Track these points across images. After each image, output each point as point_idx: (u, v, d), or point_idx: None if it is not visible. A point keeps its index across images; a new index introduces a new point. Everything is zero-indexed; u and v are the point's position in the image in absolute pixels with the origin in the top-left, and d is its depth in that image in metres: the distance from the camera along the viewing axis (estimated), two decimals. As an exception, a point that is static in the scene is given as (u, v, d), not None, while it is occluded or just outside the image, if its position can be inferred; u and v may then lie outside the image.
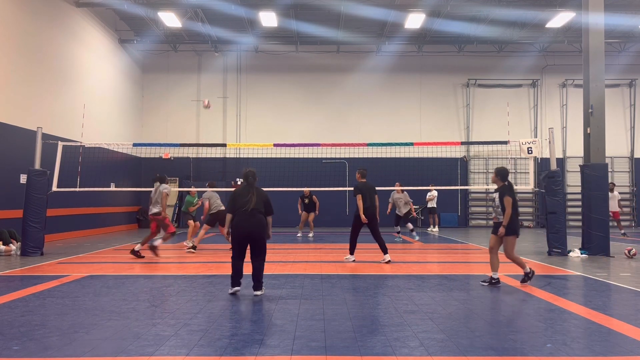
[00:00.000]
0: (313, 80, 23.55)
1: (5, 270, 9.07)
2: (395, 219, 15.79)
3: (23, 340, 4.58)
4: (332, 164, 21.19)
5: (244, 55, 23.48)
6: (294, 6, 18.42)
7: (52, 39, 15.53)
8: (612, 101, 22.07)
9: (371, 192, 10.32)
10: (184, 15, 19.10)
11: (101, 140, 17.52)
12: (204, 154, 22.35)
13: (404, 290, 7.07)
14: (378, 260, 10.36)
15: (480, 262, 10.64)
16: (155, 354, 4.19)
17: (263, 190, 7.03)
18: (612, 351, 4.33)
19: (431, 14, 18.76)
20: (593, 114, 12.21)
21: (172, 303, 6.23)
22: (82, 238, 16.15)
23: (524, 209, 23.77)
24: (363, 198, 10.12)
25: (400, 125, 23.19)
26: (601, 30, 12.47)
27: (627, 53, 23.10)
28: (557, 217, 11.49)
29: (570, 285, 7.77)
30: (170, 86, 23.36)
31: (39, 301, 6.30)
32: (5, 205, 12.73)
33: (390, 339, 4.63)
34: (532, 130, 23.54)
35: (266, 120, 23.24)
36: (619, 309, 6.09)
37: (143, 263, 10.29)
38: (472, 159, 23.56)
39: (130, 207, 21.38)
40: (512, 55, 23.33)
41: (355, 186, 10.43)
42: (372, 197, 10.31)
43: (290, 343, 4.48)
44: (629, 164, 23.71)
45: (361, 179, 10.47)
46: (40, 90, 14.81)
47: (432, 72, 23.65)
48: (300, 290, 7.10)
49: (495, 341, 4.58)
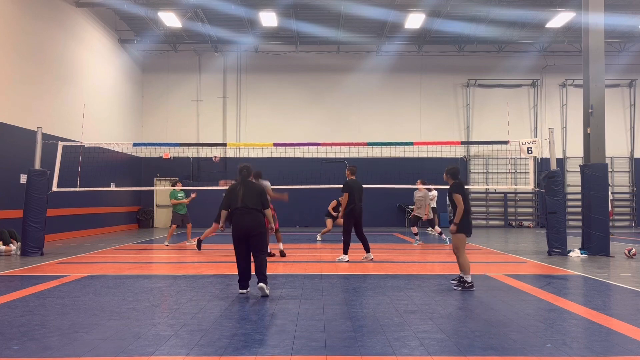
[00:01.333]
0: (313, 80, 23.55)
1: (5, 270, 9.07)
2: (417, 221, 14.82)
3: (23, 340, 4.58)
4: (332, 164, 21.19)
5: (244, 55, 23.48)
6: (294, 6, 18.42)
7: (52, 39, 15.53)
8: (612, 101, 22.08)
9: (360, 191, 10.27)
10: (184, 15, 19.10)
11: (101, 140, 17.52)
12: (204, 154, 22.35)
13: (404, 290, 7.07)
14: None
15: (480, 262, 10.64)
16: (155, 354, 4.19)
17: (257, 183, 7.01)
18: (612, 351, 4.33)
19: (431, 14, 18.76)
20: (593, 114, 12.21)
21: (172, 303, 6.23)
22: (82, 238, 16.15)
23: (523, 209, 23.79)
24: (351, 195, 10.08)
25: (400, 125, 23.19)
26: (601, 30, 12.47)
27: (627, 53, 23.10)
28: (557, 217, 11.49)
29: (570, 285, 7.77)
30: (170, 86, 23.36)
31: (39, 301, 6.30)
32: (5, 205, 12.73)
33: (390, 339, 4.63)
34: (532, 130, 23.54)
35: (266, 120, 23.24)
36: (619, 309, 6.09)
37: (143, 263, 10.30)
38: (472, 159, 23.56)
39: (130, 207, 21.38)
40: (512, 55, 23.34)
41: (345, 183, 10.32)
42: (361, 195, 10.26)
43: (290, 343, 4.48)
44: (629, 164, 23.71)
45: (351, 175, 10.42)
46: (40, 90, 14.80)
47: (432, 72, 23.65)
48: (300, 290, 7.10)
49: (495, 341, 4.58)
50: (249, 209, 6.60)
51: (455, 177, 7.65)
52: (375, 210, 22.94)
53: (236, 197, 6.65)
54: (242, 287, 6.82)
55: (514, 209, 23.71)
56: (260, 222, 6.66)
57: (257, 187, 6.84)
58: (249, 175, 6.92)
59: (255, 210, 6.64)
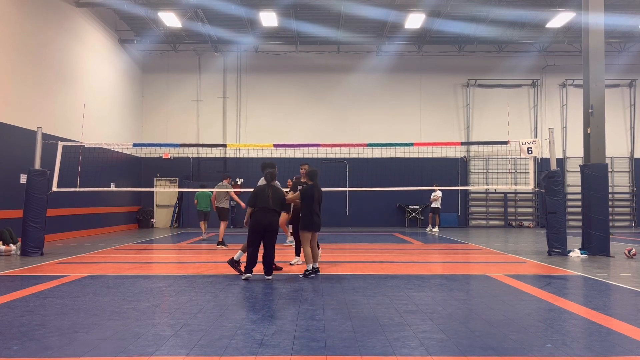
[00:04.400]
0: (313, 80, 23.55)
1: (5, 270, 9.07)
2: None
3: (23, 340, 4.58)
4: (332, 164, 21.19)
5: (244, 55, 23.48)
6: (294, 6, 18.42)
7: (52, 39, 15.53)
8: (612, 101, 22.10)
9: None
10: (184, 15, 19.11)
11: (101, 140, 17.53)
12: (204, 154, 22.36)
13: (404, 290, 7.07)
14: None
15: (480, 262, 10.65)
16: (155, 354, 4.19)
17: (280, 189, 8.28)
18: (612, 351, 4.33)
19: (431, 14, 18.76)
20: (593, 114, 12.21)
21: (172, 303, 6.23)
22: (82, 238, 16.15)
23: (523, 209, 23.79)
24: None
25: (400, 125, 23.19)
26: (601, 30, 12.46)
27: (627, 53, 23.11)
28: (557, 217, 11.48)
29: (570, 285, 7.76)
30: (170, 86, 23.36)
31: (39, 301, 6.30)
32: (5, 205, 12.74)
33: (390, 339, 4.63)
34: (532, 130, 23.54)
35: (266, 121, 23.24)
36: (619, 309, 6.09)
37: (143, 263, 10.30)
38: (472, 159, 23.56)
39: (130, 207, 21.38)
40: (512, 55, 23.34)
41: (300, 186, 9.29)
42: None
43: (290, 343, 4.48)
44: (629, 164, 23.72)
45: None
46: (40, 90, 14.81)
47: (432, 72, 23.65)
48: (300, 290, 7.11)
49: (495, 341, 4.58)
50: (272, 209, 7.90)
51: (313, 179, 8.49)
52: (375, 210, 22.98)
53: (266, 198, 7.90)
54: (247, 271, 7.88)
55: (514, 209, 23.71)
56: (277, 221, 7.97)
57: (280, 192, 8.19)
58: (272, 180, 8.17)
59: (275, 211, 7.95)
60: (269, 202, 7.88)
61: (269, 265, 7.94)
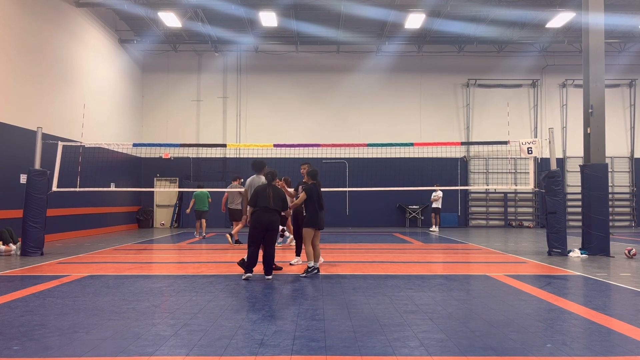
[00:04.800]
0: (313, 80, 23.55)
1: (5, 270, 9.07)
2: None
3: (23, 340, 4.58)
4: (332, 164, 21.19)
5: (244, 55, 23.48)
6: (294, 6, 18.41)
7: (52, 39, 15.53)
8: (612, 101, 22.10)
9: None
10: (184, 15, 19.11)
11: (101, 140, 17.53)
12: (204, 154, 22.36)
13: (404, 290, 7.07)
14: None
15: (480, 262, 10.65)
16: (155, 354, 4.19)
17: (280, 189, 8.30)
18: (612, 351, 4.33)
19: (431, 14, 18.76)
20: (593, 114, 12.21)
21: (172, 303, 6.23)
22: (82, 238, 16.15)
23: (523, 209, 23.79)
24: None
25: (400, 125, 23.20)
26: (601, 30, 12.46)
27: (627, 53, 23.11)
28: (557, 217, 11.48)
29: (570, 285, 7.76)
30: (170, 86, 23.36)
31: (39, 301, 6.30)
32: (5, 205, 12.73)
33: (390, 339, 4.63)
34: (532, 130, 23.54)
35: (266, 121, 23.24)
36: (619, 309, 6.08)
37: (143, 263, 10.30)
38: (472, 159, 23.56)
39: (130, 207, 21.39)
40: (512, 55, 23.34)
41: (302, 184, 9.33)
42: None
43: (290, 343, 4.48)
44: (629, 164, 23.72)
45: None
46: (40, 90, 14.81)
47: (432, 72, 23.65)
48: (300, 290, 7.11)
49: (495, 341, 4.58)
50: (272, 209, 7.93)
51: (314, 178, 8.60)
52: (375, 210, 22.98)
53: (267, 198, 7.92)
54: (247, 270, 7.93)
55: (514, 209, 23.71)
56: (278, 221, 8.02)
57: (281, 192, 8.20)
58: (273, 180, 8.20)
59: (276, 210, 7.99)
60: (270, 202, 7.92)
61: (269, 265, 7.99)
